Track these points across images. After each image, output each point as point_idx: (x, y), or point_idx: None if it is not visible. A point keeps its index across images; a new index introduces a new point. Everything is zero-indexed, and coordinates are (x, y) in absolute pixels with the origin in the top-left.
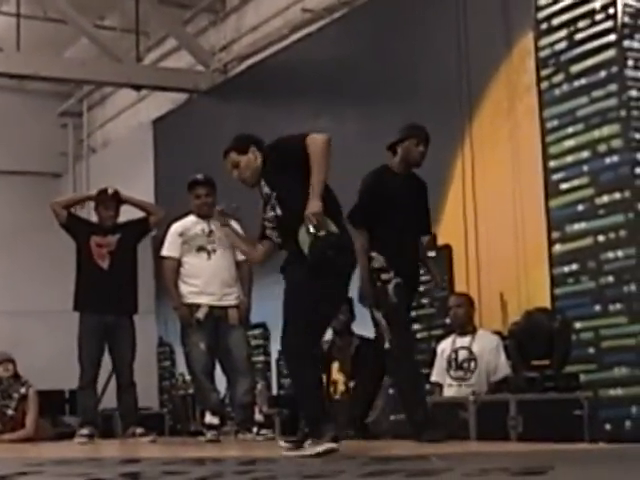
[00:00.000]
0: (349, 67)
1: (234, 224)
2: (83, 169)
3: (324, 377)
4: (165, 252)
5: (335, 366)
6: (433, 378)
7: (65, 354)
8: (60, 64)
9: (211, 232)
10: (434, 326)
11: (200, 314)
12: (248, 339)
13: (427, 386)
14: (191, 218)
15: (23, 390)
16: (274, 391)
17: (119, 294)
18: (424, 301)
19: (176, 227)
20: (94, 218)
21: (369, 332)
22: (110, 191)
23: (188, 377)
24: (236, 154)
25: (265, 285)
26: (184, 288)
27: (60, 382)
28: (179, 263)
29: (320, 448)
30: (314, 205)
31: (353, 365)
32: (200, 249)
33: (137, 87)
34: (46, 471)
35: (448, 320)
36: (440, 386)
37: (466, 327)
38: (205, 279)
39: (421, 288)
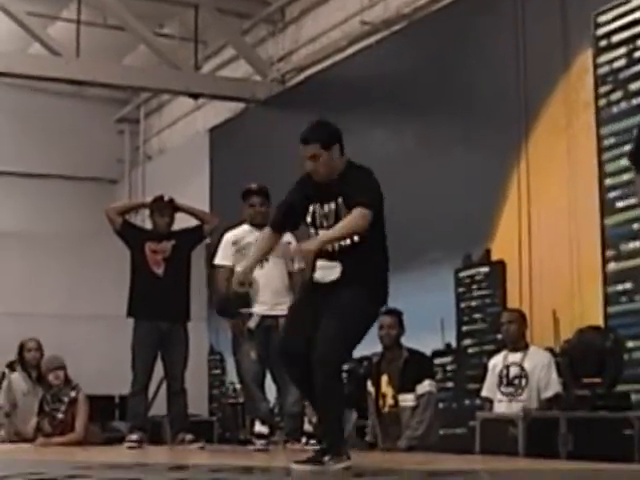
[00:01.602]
0: (406, 80)
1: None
2: (139, 176)
3: (374, 390)
4: (218, 260)
5: (384, 379)
6: (484, 393)
7: (116, 360)
8: (119, 71)
9: None
10: (486, 341)
11: (252, 323)
12: None
13: (477, 401)
14: (245, 227)
15: (73, 394)
16: None
17: (173, 301)
18: (476, 316)
19: (229, 236)
20: (148, 225)
21: (417, 344)
22: (166, 198)
23: (238, 385)
24: (320, 147)
25: None
26: None
27: (110, 387)
28: (232, 272)
29: (344, 464)
30: (312, 244)
31: (402, 378)
32: None
33: (194, 95)
34: (94, 475)
35: (500, 336)
36: (490, 402)
37: (518, 343)
38: (257, 288)
39: (474, 303)
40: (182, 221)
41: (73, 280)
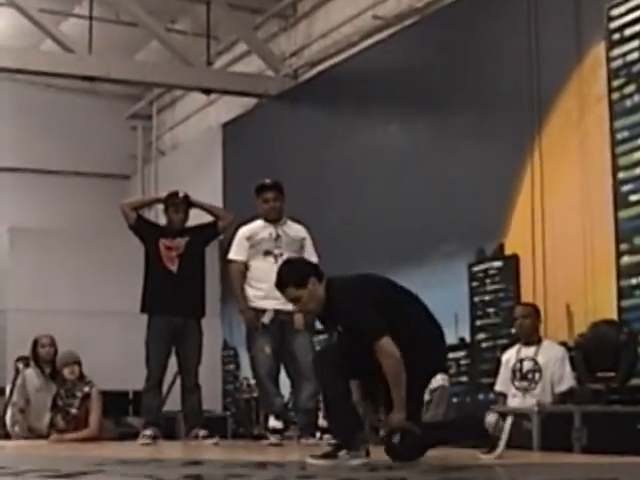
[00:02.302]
0: (419, 74)
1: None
2: (152, 171)
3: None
4: (232, 255)
5: None
6: (497, 388)
7: (130, 355)
8: (131, 67)
9: (278, 236)
10: (499, 336)
11: (266, 318)
12: (313, 344)
13: (491, 395)
14: (259, 222)
15: (87, 389)
16: None
17: (188, 297)
18: (490, 310)
19: (244, 231)
20: (161, 221)
21: None
22: (181, 194)
23: (252, 381)
24: (295, 289)
25: None
26: (250, 292)
27: (124, 383)
28: (246, 267)
29: (361, 460)
30: (396, 417)
31: None
32: (267, 253)
33: (207, 91)
34: (108, 471)
35: (513, 330)
36: (504, 396)
37: (532, 337)
38: (271, 283)
39: (487, 297)
40: (196, 217)
41: (87, 276)
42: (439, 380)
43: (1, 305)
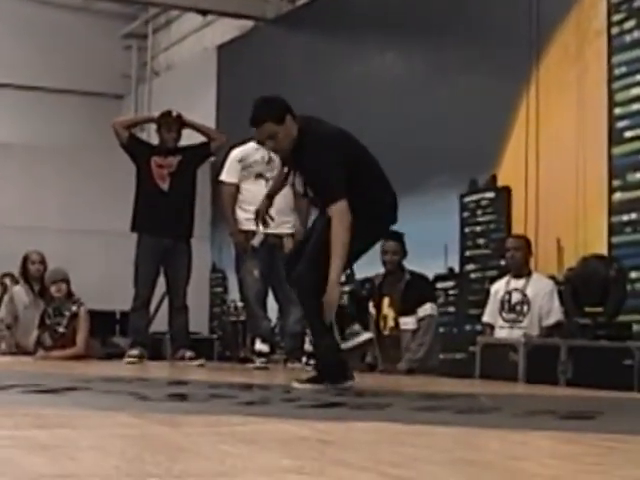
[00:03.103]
0: (418, 2)
1: None
2: (145, 92)
3: (375, 312)
4: (224, 177)
5: (386, 301)
6: (485, 319)
7: (118, 275)
8: None
9: (270, 159)
10: (489, 267)
11: (255, 241)
12: None
13: (478, 326)
14: (252, 144)
15: (74, 308)
16: None
17: (178, 217)
18: (480, 241)
19: (236, 153)
20: (154, 141)
21: (420, 268)
22: (174, 114)
23: (240, 304)
24: (273, 124)
25: None
26: (241, 214)
27: (111, 303)
28: (237, 189)
29: (346, 384)
30: (334, 291)
31: (403, 300)
32: (258, 176)
33: (203, 12)
34: (94, 387)
35: (503, 261)
36: (491, 327)
37: (522, 270)
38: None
39: (478, 228)
40: (189, 139)
41: (76, 195)
42: (427, 309)
43: None
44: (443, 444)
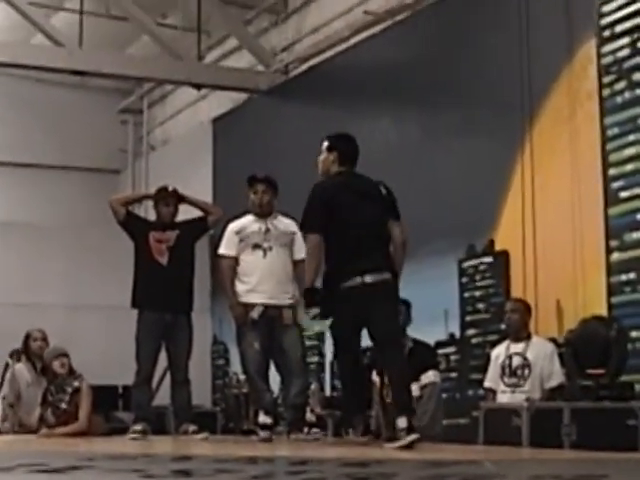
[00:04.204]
0: (410, 70)
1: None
2: (142, 166)
3: (378, 380)
4: (222, 250)
5: None
6: (486, 384)
7: (119, 350)
8: (122, 61)
9: (268, 230)
10: (489, 332)
11: (254, 313)
12: (303, 339)
13: (481, 391)
14: (248, 217)
15: (76, 384)
16: (327, 392)
17: (177, 291)
18: (480, 306)
19: (233, 226)
20: (151, 218)
21: (421, 334)
22: (170, 189)
23: (242, 376)
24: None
25: None
26: (240, 287)
27: (114, 378)
28: (236, 261)
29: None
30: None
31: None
32: (256, 247)
33: (197, 86)
34: (98, 466)
35: (503, 326)
36: (493, 392)
37: (520, 333)
38: (259, 276)
39: (477, 293)
40: (186, 213)
41: (77, 271)
42: (430, 376)
43: None
44: None
